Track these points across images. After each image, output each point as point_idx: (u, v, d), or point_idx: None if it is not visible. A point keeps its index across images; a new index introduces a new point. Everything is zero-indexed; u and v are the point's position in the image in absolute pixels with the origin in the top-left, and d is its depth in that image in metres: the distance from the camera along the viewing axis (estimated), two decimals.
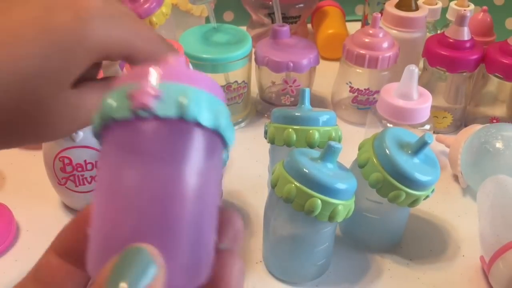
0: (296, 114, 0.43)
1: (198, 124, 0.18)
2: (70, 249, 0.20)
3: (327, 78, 0.67)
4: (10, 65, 0.22)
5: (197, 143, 0.18)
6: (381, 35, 0.58)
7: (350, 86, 0.61)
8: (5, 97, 0.23)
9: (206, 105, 0.18)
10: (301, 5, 0.75)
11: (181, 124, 0.18)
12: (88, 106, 0.26)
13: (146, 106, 0.17)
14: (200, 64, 0.55)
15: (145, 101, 0.17)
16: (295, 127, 0.43)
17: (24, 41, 0.23)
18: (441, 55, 0.56)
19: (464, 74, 0.58)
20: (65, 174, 0.44)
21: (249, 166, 0.54)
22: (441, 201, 0.51)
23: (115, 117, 0.17)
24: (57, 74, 0.24)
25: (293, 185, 0.35)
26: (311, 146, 0.42)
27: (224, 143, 0.19)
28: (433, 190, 0.41)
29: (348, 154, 0.42)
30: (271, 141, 0.44)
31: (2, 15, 0.23)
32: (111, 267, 0.15)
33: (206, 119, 0.18)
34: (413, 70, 0.48)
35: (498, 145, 0.48)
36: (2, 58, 0.22)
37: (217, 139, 0.19)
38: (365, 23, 0.81)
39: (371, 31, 0.58)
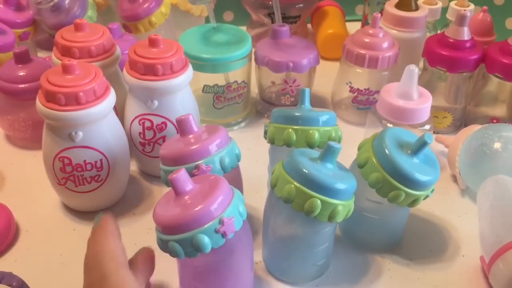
0: (296, 114, 0.43)
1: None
2: None
3: (327, 78, 0.67)
4: None
5: None
6: (381, 35, 0.58)
7: (350, 86, 0.61)
8: None
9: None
10: (301, 5, 0.75)
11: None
12: None
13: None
14: (200, 64, 0.55)
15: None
16: (295, 127, 0.43)
17: None
18: (441, 55, 0.56)
19: (464, 74, 0.58)
20: (64, 174, 0.44)
21: (249, 166, 0.54)
22: (441, 201, 0.51)
23: None
24: None
25: (293, 185, 0.35)
26: (311, 146, 0.42)
27: None
28: (433, 190, 0.41)
29: (348, 154, 0.42)
30: (271, 141, 0.44)
31: None
32: None
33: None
34: (413, 70, 0.48)
35: (496, 147, 0.48)
36: None
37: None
38: (365, 23, 0.81)
39: (371, 31, 0.58)
